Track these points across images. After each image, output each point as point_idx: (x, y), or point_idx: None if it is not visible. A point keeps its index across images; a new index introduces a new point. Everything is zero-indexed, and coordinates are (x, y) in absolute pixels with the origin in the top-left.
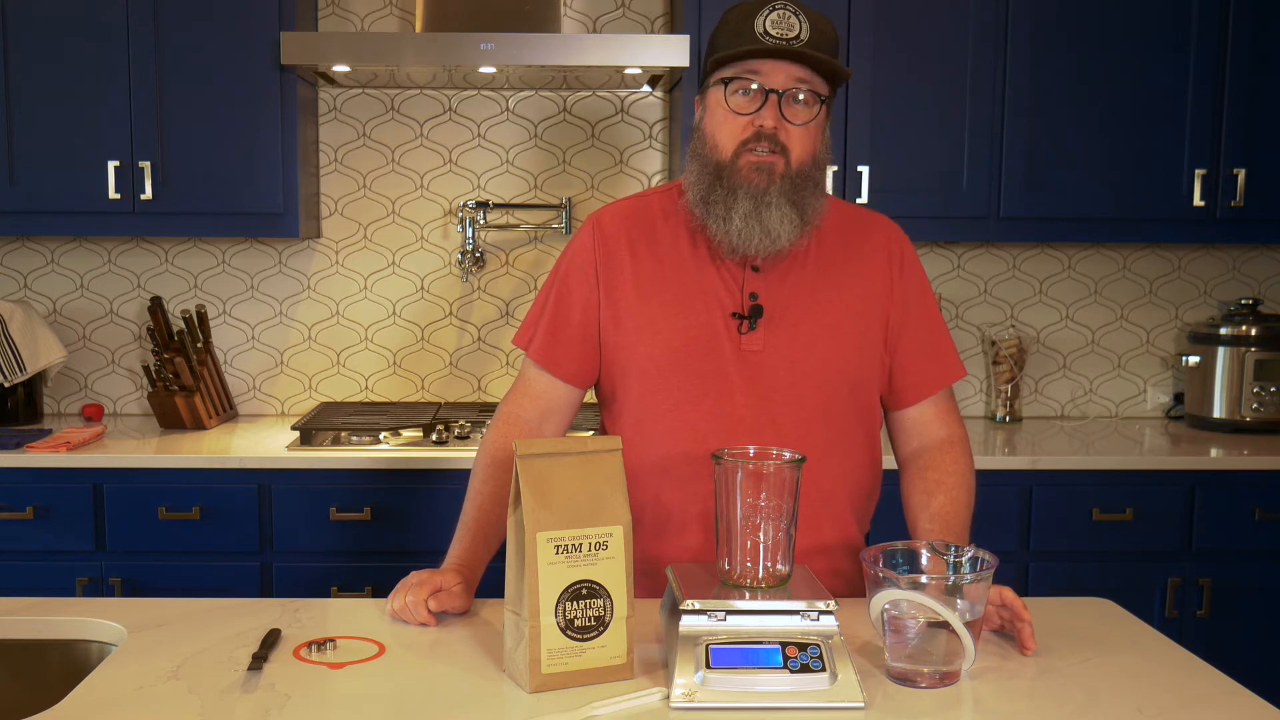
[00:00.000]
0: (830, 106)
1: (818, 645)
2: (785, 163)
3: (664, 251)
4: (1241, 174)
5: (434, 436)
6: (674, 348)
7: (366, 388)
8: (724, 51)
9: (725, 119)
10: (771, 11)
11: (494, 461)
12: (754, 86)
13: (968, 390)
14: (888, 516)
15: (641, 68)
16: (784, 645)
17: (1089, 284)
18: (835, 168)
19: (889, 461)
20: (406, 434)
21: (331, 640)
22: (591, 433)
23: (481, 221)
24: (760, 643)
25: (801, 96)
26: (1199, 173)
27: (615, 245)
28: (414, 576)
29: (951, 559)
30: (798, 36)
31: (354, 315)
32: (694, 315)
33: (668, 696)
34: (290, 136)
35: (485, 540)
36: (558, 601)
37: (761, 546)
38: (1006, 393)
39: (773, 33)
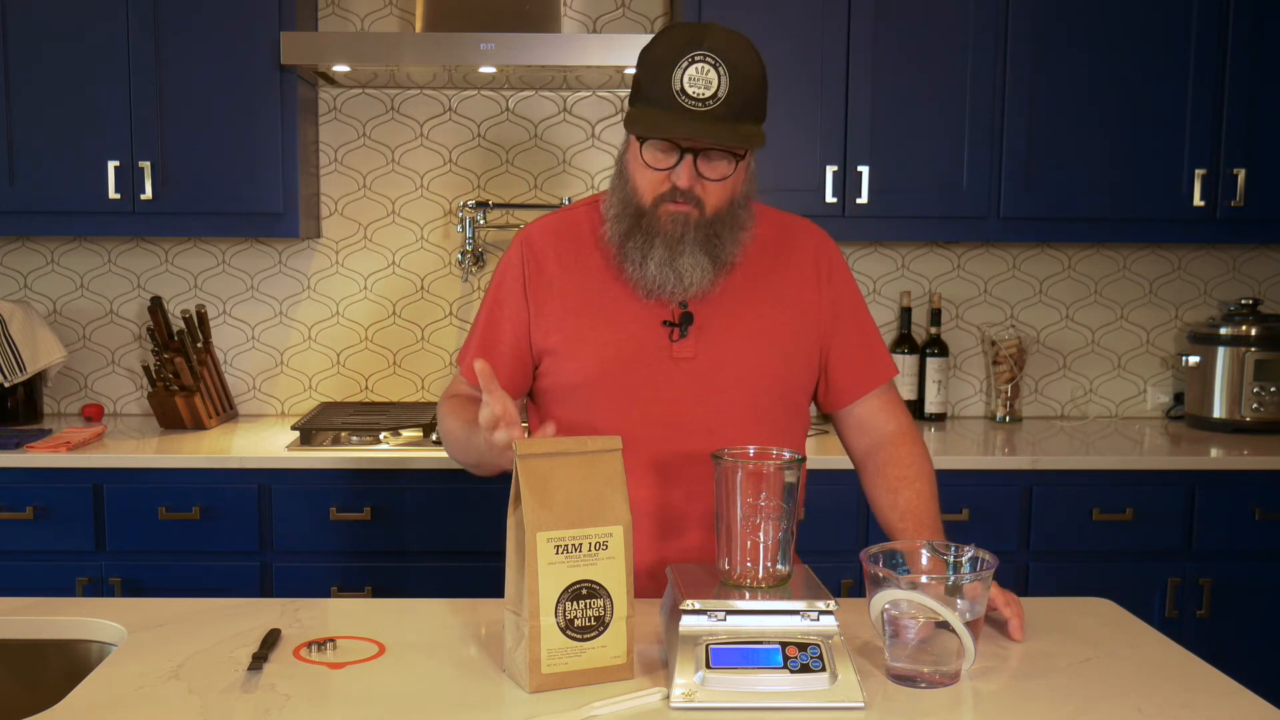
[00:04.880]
0: (752, 154)
1: (818, 645)
2: (700, 213)
3: (593, 264)
4: (1241, 174)
5: (434, 436)
6: (604, 359)
7: (366, 388)
8: (642, 106)
9: (641, 169)
10: (690, 64)
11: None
12: (668, 142)
13: (967, 390)
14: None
15: None
16: (784, 645)
17: (1089, 284)
18: (835, 168)
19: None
20: (406, 434)
21: (331, 640)
22: None
23: (481, 221)
24: (760, 643)
25: (716, 154)
26: (1199, 173)
27: (544, 260)
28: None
29: (951, 559)
30: (714, 95)
31: (354, 315)
32: (624, 326)
33: (668, 696)
34: (290, 136)
35: None
36: (558, 601)
37: (761, 546)
38: (1006, 393)
39: (690, 92)
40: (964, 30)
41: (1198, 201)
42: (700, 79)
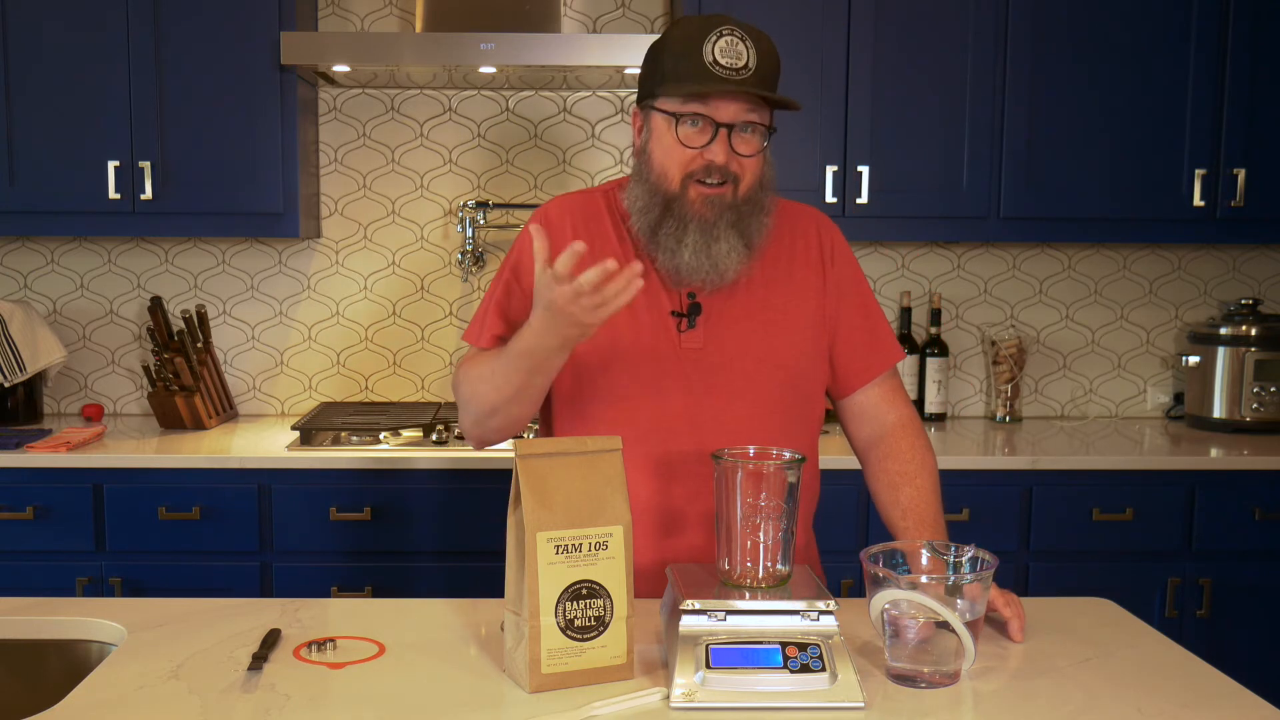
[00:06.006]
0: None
1: (818, 645)
2: (734, 191)
3: (606, 251)
4: (1241, 174)
5: (434, 436)
6: (607, 345)
7: (366, 388)
8: (673, 84)
9: (673, 149)
10: (720, 38)
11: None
12: (703, 119)
13: (967, 390)
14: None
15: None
16: (784, 645)
17: (1089, 284)
18: (835, 168)
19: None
20: (406, 434)
21: (331, 640)
22: None
23: (481, 221)
24: (760, 643)
25: (750, 129)
26: (1199, 173)
27: (561, 236)
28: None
29: (951, 559)
30: (746, 66)
31: (354, 315)
32: (634, 316)
33: (668, 696)
34: (290, 136)
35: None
36: (558, 601)
37: (761, 546)
38: (1006, 393)
39: (722, 63)
40: (964, 30)
41: (1198, 201)
42: (731, 50)
